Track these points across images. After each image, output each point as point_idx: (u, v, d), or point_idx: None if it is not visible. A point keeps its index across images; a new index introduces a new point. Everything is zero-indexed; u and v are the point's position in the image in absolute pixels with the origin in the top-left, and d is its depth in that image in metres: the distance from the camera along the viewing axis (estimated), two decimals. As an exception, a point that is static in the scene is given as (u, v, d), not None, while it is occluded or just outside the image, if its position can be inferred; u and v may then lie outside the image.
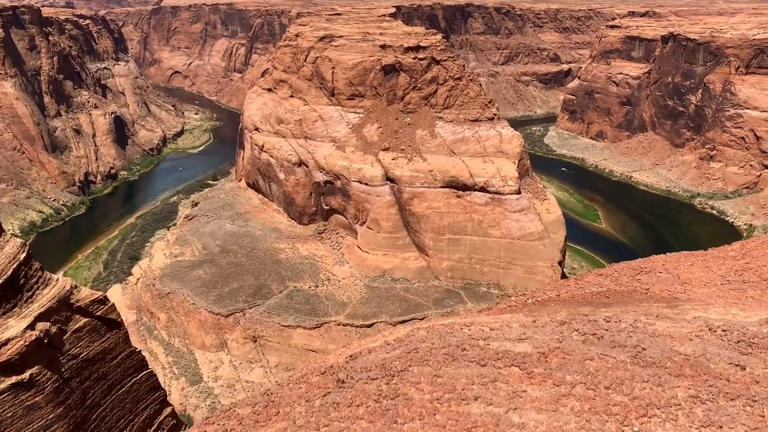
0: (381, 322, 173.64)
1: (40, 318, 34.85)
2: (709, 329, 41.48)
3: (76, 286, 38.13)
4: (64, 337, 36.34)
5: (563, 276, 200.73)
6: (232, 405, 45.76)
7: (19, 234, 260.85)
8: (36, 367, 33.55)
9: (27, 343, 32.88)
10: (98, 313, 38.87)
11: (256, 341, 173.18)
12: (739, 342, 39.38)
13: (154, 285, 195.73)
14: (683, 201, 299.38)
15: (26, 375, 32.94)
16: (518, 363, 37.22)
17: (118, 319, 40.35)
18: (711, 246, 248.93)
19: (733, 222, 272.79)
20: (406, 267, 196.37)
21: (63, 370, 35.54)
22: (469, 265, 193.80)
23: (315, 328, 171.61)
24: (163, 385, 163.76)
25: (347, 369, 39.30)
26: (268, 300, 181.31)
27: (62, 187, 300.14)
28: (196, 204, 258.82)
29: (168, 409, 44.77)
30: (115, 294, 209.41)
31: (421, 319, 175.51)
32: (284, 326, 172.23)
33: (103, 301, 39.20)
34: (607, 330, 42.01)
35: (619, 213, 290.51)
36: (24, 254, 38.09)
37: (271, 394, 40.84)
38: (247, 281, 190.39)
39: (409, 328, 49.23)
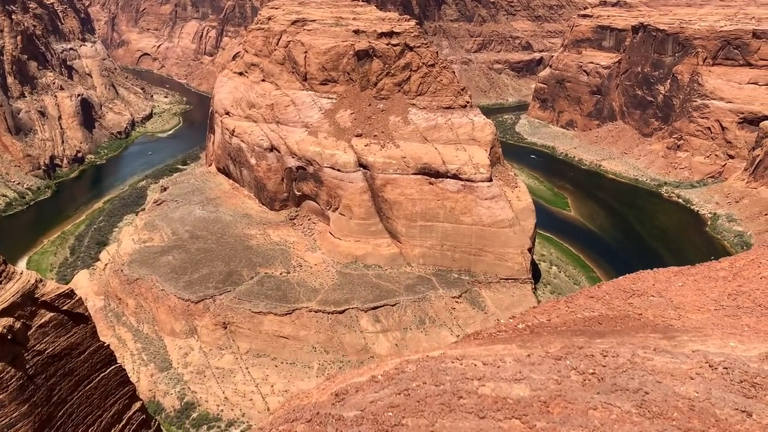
0: (353, 308, 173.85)
1: (2, 313, 33.53)
2: (710, 366, 40.66)
3: (41, 280, 36.83)
4: (29, 333, 35.10)
5: (533, 263, 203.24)
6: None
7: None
8: None
9: None
10: (64, 308, 37.62)
11: (226, 327, 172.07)
12: (741, 382, 38.64)
13: (122, 271, 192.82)
14: (651, 189, 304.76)
15: None
16: (519, 415, 35.67)
17: (86, 314, 39.13)
18: (677, 233, 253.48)
19: (698, 210, 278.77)
20: (378, 253, 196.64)
21: (28, 366, 34.40)
22: (441, 252, 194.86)
23: (286, 314, 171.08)
24: (131, 372, 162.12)
25: (335, 420, 37.48)
26: (239, 286, 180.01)
27: (26, 170, 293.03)
28: (165, 189, 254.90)
29: (137, 404, 43.98)
30: (83, 280, 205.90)
31: (393, 305, 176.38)
32: (255, 313, 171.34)
33: (70, 295, 38.01)
34: (605, 366, 41.02)
35: (588, 201, 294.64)
36: None
37: None
38: (217, 267, 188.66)
39: (398, 361, 47.50)
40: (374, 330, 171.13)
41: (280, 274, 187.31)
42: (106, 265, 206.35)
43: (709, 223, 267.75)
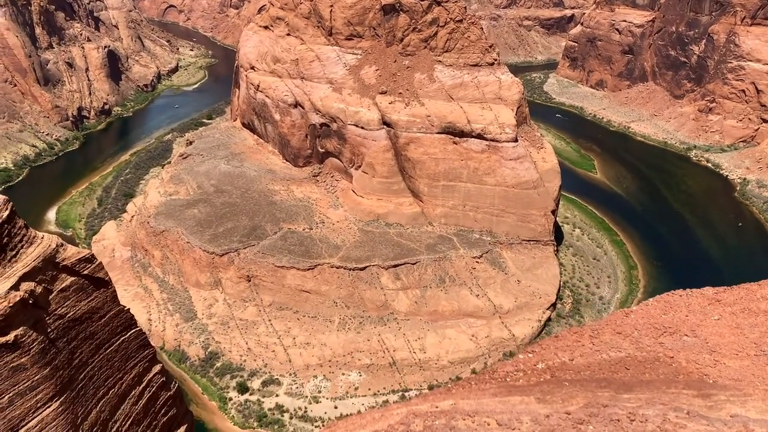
0: (374, 265, 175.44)
1: (24, 278, 34.12)
2: None
3: (62, 244, 37.40)
4: (50, 297, 35.78)
5: (556, 225, 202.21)
6: None
7: (13, 168, 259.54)
8: (21, 329, 33.13)
9: (11, 305, 32.42)
10: (85, 272, 38.23)
11: (250, 280, 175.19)
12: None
13: (148, 222, 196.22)
14: (679, 153, 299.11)
15: (11, 336, 32.59)
16: None
17: (106, 278, 39.82)
18: (704, 198, 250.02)
19: (727, 175, 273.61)
20: (400, 212, 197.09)
21: (49, 330, 35.17)
22: (463, 212, 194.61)
23: (309, 269, 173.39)
24: (157, 321, 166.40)
25: None
26: (263, 241, 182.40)
27: (55, 121, 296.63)
28: (191, 143, 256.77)
29: (157, 367, 45.11)
30: (110, 230, 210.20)
31: (413, 264, 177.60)
32: (278, 267, 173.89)
33: (90, 259, 38.59)
34: (632, 435, 36.26)
35: (614, 163, 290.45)
36: (7, 212, 36.61)
37: None
38: (241, 222, 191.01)
39: (404, 412, 43.22)
40: (394, 287, 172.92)
41: (303, 230, 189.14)
42: (132, 216, 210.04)
43: (738, 188, 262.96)
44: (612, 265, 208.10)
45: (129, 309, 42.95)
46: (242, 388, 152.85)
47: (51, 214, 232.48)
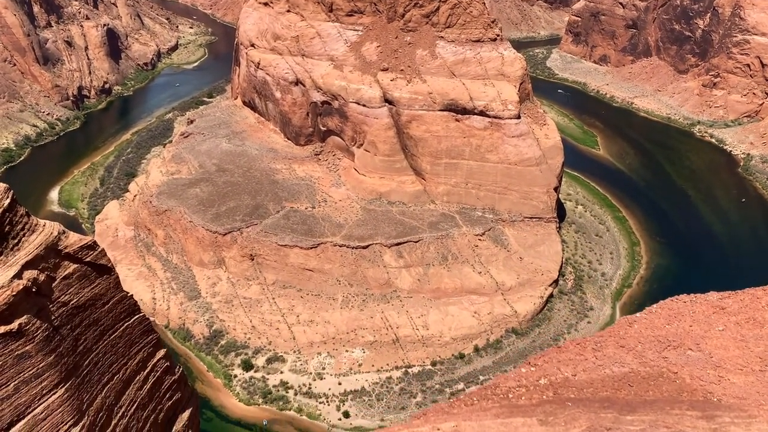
0: (377, 243, 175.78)
1: (27, 266, 34.06)
2: None
3: (63, 232, 37.25)
4: (53, 285, 35.79)
5: (558, 202, 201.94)
6: None
7: (14, 148, 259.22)
8: (25, 317, 33.22)
9: (14, 293, 32.45)
10: (87, 259, 38.18)
11: (253, 259, 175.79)
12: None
13: (151, 202, 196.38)
14: (683, 129, 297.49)
15: (15, 325, 32.69)
16: None
17: (108, 265, 39.81)
18: (707, 174, 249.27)
19: (731, 151, 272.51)
20: (402, 190, 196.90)
21: (53, 318, 35.26)
22: (466, 190, 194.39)
23: (311, 248, 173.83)
24: (161, 300, 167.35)
25: None
26: (265, 220, 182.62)
27: (56, 101, 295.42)
28: (192, 121, 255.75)
29: (161, 352, 45.37)
30: (113, 210, 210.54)
31: (416, 242, 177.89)
32: (281, 246, 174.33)
33: (93, 246, 38.53)
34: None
35: (618, 139, 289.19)
36: (8, 200, 36.12)
37: None
38: (243, 200, 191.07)
39: None
40: (397, 265, 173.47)
41: (306, 208, 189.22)
42: (135, 196, 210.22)
43: (741, 163, 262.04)
44: (614, 241, 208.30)
45: (132, 295, 43.00)
46: (247, 366, 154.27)
47: (53, 194, 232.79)
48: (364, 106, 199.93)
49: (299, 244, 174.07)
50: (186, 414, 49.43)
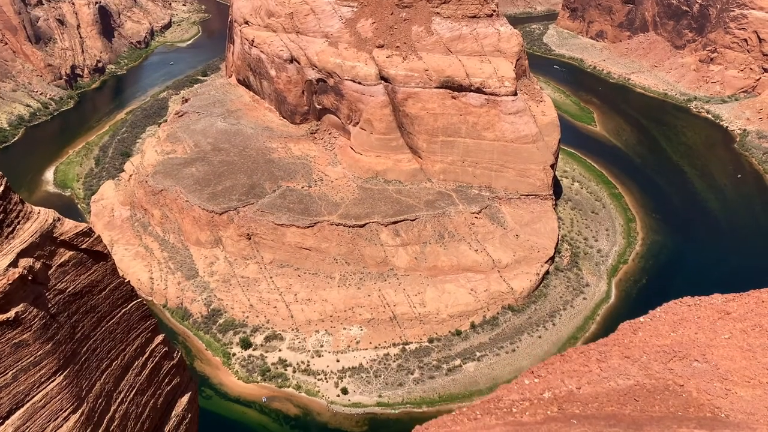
0: (373, 222, 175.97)
1: (22, 254, 33.87)
2: None
3: (58, 219, 36.99)
4: (49, 273, 35.68)
5: (555, 179, 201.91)
6: None
7: (8, 128, 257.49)
8: (21, 305, 33.21)
9: (10, 282, 32.37)
10: (83, 246, 38.00)
11: (250, 239, 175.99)
12: None
13: (146, 182, 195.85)
14: (679, 105, 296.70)
15: (12, 313, 32.68)
16: None
17: (104, 251, 39.67)
18: (703, 150, 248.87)
19: (727, 126, 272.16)
20: (399, 169, 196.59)
21: (50, 305, 35.23)
22: (462, 168, 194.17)
23: (308, 227, 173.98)
24: (159, 280, 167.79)
25: None
26: (262, 199, 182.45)
27: (49, 80, 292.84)
28: (187, 100, 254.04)
29: (159, 337, 45.49)
30: (109, 190, 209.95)
31: (413, 220, 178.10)
32: (278, 225, 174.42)
33: (88, 233, 38.32)
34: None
35: (614, 116, 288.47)
36: (1, 188, 35.80)
37: None
38: (239, 180, 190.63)
39: None
40: (394, 244, 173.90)
41: (302, 187, 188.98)
42: (130, 176, 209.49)
43: (738, 139, 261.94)
44: (610, 218, 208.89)
45: (129, 281, 42.99)
46: (245, 344, 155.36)
47: (49, 175, 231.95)
48: (359, 83, 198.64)
49: (296, 223, 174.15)
50: (185, 398, 49.85)
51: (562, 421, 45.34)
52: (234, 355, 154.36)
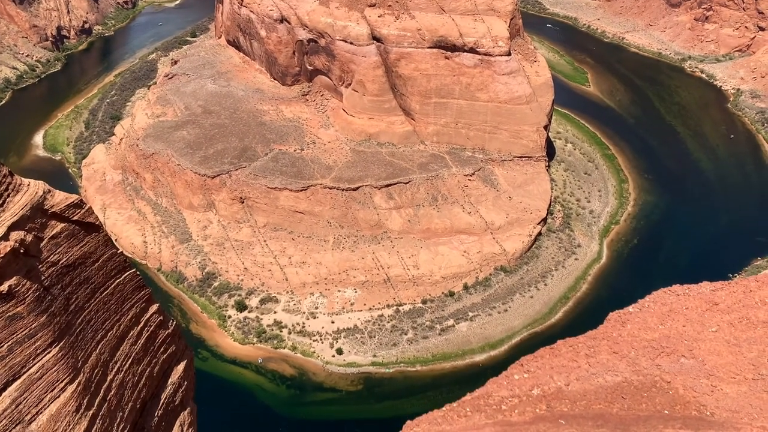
0: (366, 185, 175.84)
1: (13, 227, 33.70)
2: None
3: (49, 191, 36.69)
4: (41, 245, 35.58)
5: (548, 141, 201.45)
6: None
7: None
8: (14, 278, 33.17)
9: (2, 255, 32.31)
10: (75, 218, 37.77)
11: (243, 202, 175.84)
12: None
13: (137, 145, 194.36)
14: (673, 64, 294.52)
15: (5, 287, 32.68)
16: None
17: (96, 222, 39.51)
18: (697, 110, 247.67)
19: (721, 86, 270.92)
20: (392, 131, 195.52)
21: (43, 278, 35.22)
22: (455, 130, 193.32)
23: (301, 190, 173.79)
24: (153, 244, 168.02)
25: None
26: (254, 162, 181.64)
27: (35, 41, 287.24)
28: (176, 62, 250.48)
29: (154, 307, 45.70)
30: (99, 154, 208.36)
31: (406, 183, 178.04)
32: (271, 188, 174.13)
33: (79, 204, 38.05)
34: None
35: (608, 76, 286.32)
36: None
37: None
38: (231, 143, 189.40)
39: None
40: (387, 207, 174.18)
41: (294, 150, 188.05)
42: (121, 139, 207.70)
43: (731, 99, 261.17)
44: (603, 179, 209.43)
45: (122, 252, 43.09)
46: (241, 306, 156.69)
47: (38, 139, 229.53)
48: (351, 44, 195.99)
49: (289, 186, 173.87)
50: (181, 366, 50.43)
51: (551, 420, 45.75)
52: (229, 317, 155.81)
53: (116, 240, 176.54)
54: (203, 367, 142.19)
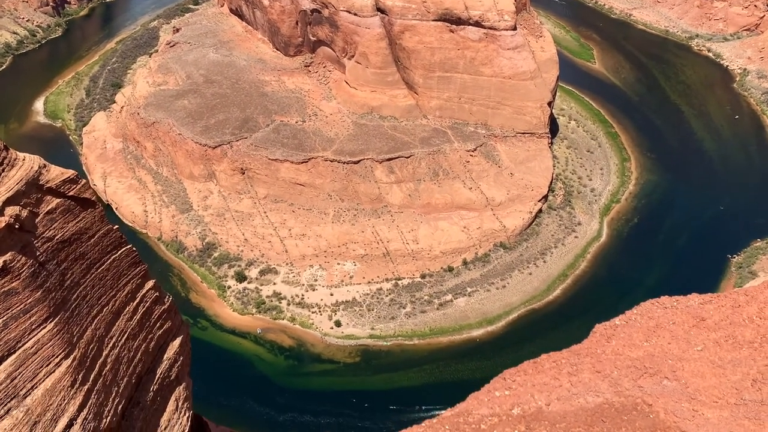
0: (368, 159, 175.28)
1: (8, 203, 33.54)
2: None
3: (44, 165, 36.35)
4: (37, 220, 35.35)
5: (551, 117, 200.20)
6: None
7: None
8: (9, 254, 33.03)
9: None
10: (71, 193, 37.53)
11: (244, 173, 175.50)
12: None
13: (138, 114, 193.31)
14: (680, 42, 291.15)
15: (0, 262, 32.78)
16: None
17: (92, 198, 39.29)
18: (702, 89, 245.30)
19: (727, 66, 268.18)
20: (394, 104, 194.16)
21: (38, 254, 35.02)
22: (459, 104, 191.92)
23: (302, 162, 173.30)
24: (153, 213, 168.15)
25: None
26: (255, 133, 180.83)
27: (35, 6, 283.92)
28: (178, 30, 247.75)
29: (150, 283, 45.65)
30: (100, 122, 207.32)
31: (407, 157, 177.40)
32: (272, 160, 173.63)
33: (75, 180, 37.75)
34: None
35: (614, 53, 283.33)
36: None
37: None
38: (233, 113, 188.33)
39: None
40: (388, 181, 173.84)
41: (296, 122, 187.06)
42: (122, 107, 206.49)
43: (737, 79, 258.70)
44: (605, 157, 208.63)
45: (118, 227, 43.00)
46: (240, 277, 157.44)
47: (39, 105, 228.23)
48: (355, 15, 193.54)
49: (290, 158, 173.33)
50: (177, 341, 50.66)
51: None
52: (229, 287, 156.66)
53: (116, 208, 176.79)
54: (202, 337, 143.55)
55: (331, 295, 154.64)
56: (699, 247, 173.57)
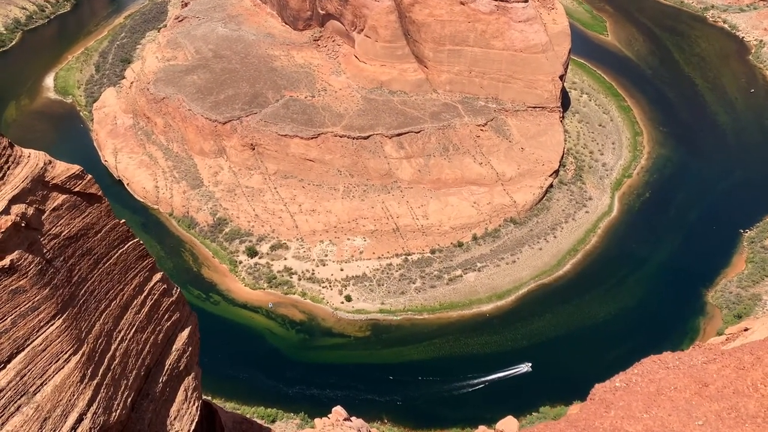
0: (377, 134, 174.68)
1: (14, 200, 33.34)
2: None
3: (50, 162, 36.10)
4: (43, 218, 35.14)
5: (563, 91, 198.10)
6: None
7: (4, 32, 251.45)
8: (16, 252, 32.94)
9: (3, 229, 32.09)
10: (76, 189, 37.31)
11: (254, 149, 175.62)
12: None
13: (148, 89, 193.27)
14: (695, 13, 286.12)
15: (7, 261, 32.50)
16: None
17: (98, 193, 39.09)
18: (717, 61, 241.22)
19: (743, 37, 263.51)
20: (404, 79, 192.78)
21: (45, 251, 34.90)
22: (469, 78, 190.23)
23: (312, 138, 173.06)
24: (164, 189, 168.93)
25: None
26: (265, 109, 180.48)
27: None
28: (186, 4, 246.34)
29: (157, 275, 45.62)
30: (110, 97, 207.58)
31: (417, 132, 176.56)
32: (281, 135, 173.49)
33: (80, 175, 37.53)
34: None
35: (627, 25, 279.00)
36: None
37: None
38: (242, 89, 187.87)
39: None
40: (398, 156, 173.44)
41: (305, 97, 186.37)
42: (132, 83, 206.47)
43: (753, 51, 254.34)
44: (617, 131, 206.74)
45: (125, 221, 43.01)
46: (251, 252, 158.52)
47: (49, 81, 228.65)
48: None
49: (299, 134, 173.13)
50: (185, 332, 50.95)
51: None
52: (240, 262, 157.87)
53: (128, 184, 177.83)
54: (215, 311, 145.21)
55: (342, 270, 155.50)
56: (711, 221, 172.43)
